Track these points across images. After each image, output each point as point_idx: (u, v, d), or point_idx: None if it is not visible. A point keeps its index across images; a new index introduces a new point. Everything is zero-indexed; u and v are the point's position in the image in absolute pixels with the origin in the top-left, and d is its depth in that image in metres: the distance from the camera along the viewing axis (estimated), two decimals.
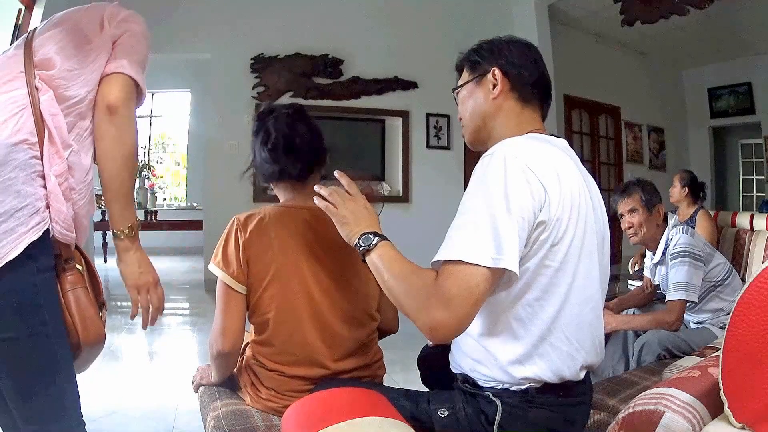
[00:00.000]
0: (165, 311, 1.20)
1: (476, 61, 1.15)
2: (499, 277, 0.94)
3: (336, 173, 1.15)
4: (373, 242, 1.03)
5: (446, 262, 0.92)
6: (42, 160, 1.02)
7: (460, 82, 1.19)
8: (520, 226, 0.92)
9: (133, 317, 1.17)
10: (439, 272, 0.93)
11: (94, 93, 1.10)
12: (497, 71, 1.11)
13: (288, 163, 1.29)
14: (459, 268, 0.90)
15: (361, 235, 1.05)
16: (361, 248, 1.04)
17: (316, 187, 1.14)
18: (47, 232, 1.01)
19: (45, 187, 1.02)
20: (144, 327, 1.18)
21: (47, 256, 1.02)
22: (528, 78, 1.11)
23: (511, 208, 0.91)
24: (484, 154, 1.01)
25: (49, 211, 1.02)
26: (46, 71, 1.07)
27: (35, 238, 0.98)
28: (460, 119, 1.20)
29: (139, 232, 1.16)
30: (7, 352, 0.99)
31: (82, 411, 1.10)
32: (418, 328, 0.94)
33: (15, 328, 0.98)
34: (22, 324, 0.98)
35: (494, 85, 1.11)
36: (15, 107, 1.02)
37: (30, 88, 1.04)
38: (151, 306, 1.18)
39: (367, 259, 1.04)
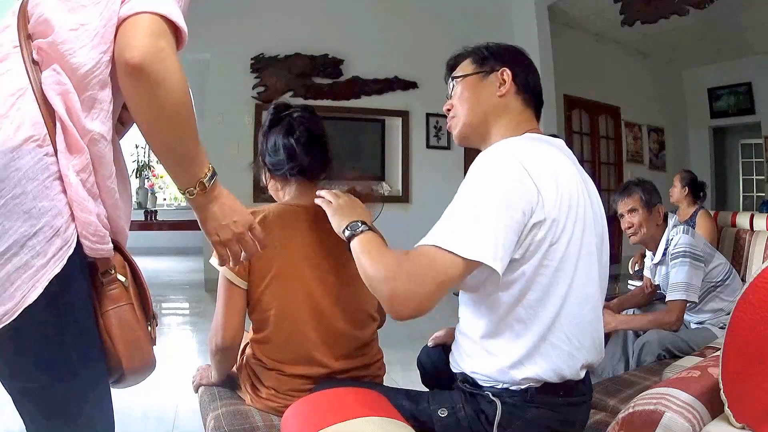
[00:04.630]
0: (165, 311, 1.11)
1: (485, 56, 1.16)
2: (474, 269, 0.93)
3: (318, 193, 1.20)
4: (360, 228, 1.06)
5: (423, 245, 0.93)
6: (56, 156, 0.78)
7: (461, 72, 1.18)
8: (507, 224, 0.91)
9: (222, 265, 1.03)
10: (414, 250, 0.94)
11: (112, 51, 0.81)
12: (507, 72, 1.12)
13: (309, 158, 1.30)
14: (433, 251, 0.91)
15: (350, 222, 1.08)
16: (347, 233, 1.06)
17: (318, 191, 1.18)
18: (76, 251, 0.79)
19: (65, 192, 0.78)
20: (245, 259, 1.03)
21: (77, 283, 0.81)
22: (532, 87, 1.15)
23: (500, 205, 0.91)
24: (482, 152, 1.02)
25: (75, 225, 0.79)
26: (44, 38, 0.80)
27: (58, 270, 0.76)
28: (448, 110, 1.20)
29: (215, 185, 0.92)
30: (32, 396, 0.82)
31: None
32: (379, 300, 0.95)
33: (39, 379, 0.80)
34: (48, 374, 0.81)
35: (501, 84, 1.12)
36: (10, 96, 0.77)
37: (27, 65, 0.80)
38: (244, 253, 0.99)
39: (351, 244, 1.05)
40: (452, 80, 1.20)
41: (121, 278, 0.87)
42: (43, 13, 0.80)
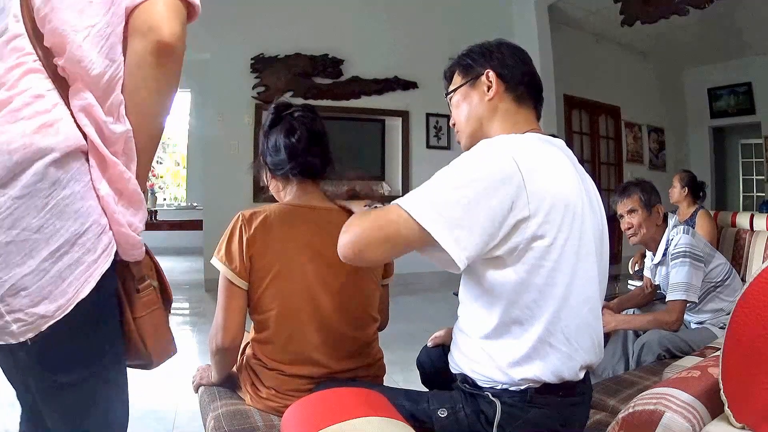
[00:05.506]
0: None
1: (468, 64, 1.16)
2: (426, 242, 0.92)
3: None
4: (375, 205, 1.15)
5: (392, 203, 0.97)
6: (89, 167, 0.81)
7: (452, 87, 1.19)
8: (475, 207, 0.90)
9: None
10: None
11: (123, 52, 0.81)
12: (491, 73, 1.12)
13: (310, 158, 1.29)
14: (394, 207, 0.94)
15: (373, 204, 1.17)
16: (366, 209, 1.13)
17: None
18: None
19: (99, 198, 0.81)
20: None
21: (111, 281, 0.84)
22: (521, 78, 1.13)
23: (475, 188, 0.91)
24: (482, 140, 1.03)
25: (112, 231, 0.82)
26: (62, 55, 0.79)
27: (108, 265, 0.80)
28: (454, 125, 1.21)
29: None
30: (62, 390, 0.85)
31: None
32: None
33: (75, 373, 0.83)
34: (83, 370, 0.84)
35: (489, 87, 1.12)
36: (46, 112, 0.78)
37: (52, 79, 0.80)
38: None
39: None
40: (447, 96, 1.20)
41: (154, 283, 0.92)
42: (56, 26, 0.79)
